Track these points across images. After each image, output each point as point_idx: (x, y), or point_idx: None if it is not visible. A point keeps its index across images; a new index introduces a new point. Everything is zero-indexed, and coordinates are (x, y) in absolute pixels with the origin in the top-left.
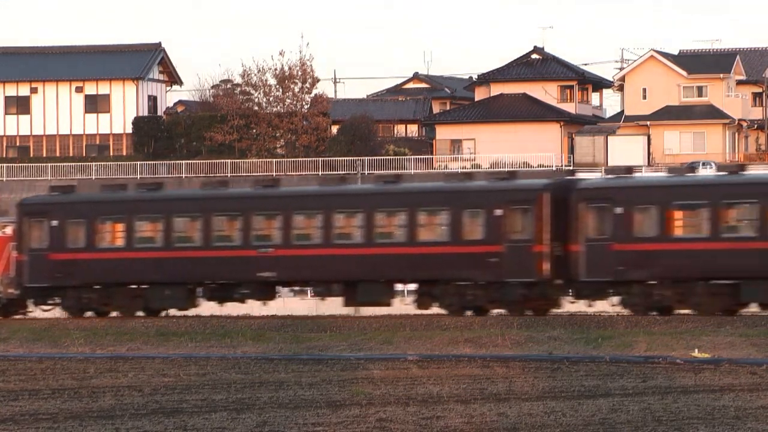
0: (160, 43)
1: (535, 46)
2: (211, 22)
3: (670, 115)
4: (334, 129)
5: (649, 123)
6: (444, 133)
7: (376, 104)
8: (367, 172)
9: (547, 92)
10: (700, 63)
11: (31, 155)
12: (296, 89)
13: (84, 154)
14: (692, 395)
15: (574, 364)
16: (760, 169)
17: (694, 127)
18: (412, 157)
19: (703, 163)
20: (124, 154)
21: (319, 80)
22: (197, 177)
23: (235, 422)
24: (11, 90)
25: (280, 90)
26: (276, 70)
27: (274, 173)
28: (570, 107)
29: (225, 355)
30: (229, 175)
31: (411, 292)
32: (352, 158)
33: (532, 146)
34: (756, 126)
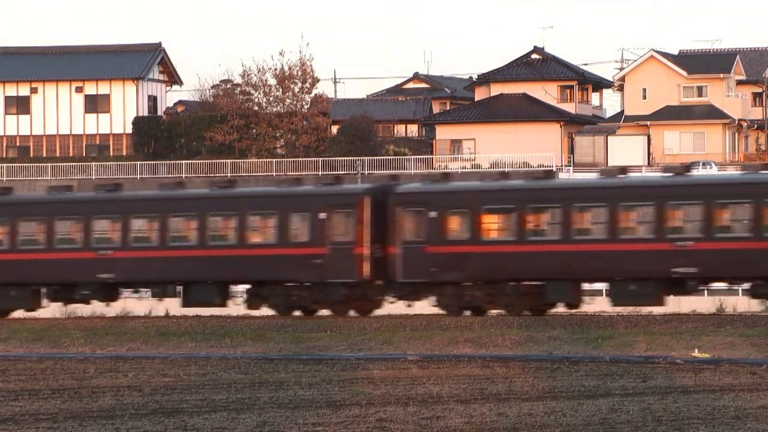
0: (160, 43)
1: (535, 46)
2: (211, 22)
3: (670, 115)
4: (334, 129)
5: (649, 123)
6: (444, 133)
7: (376, 104)
8: (367, 172)
9: (547, 92)
10: (700, 63)
11: (31, 155)
12: (296, 89)
13: (84, 154)
14: (692, 395)
15: (574, 364)
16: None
17: (694, 127)
18: (412, 157)
19: (703, 163)
20: (124, 154)
21: (319, 80)
22: (197, 177)
23: (235, 422)
24: (11, 90)
25: (280, 90)
26: (276, 70)
27: (274, 173)
28: (570, 107)
29: (225, 355)
30: (229, 175)
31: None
32: (352, 158)
33: (532, 146)
34: (756, 126)
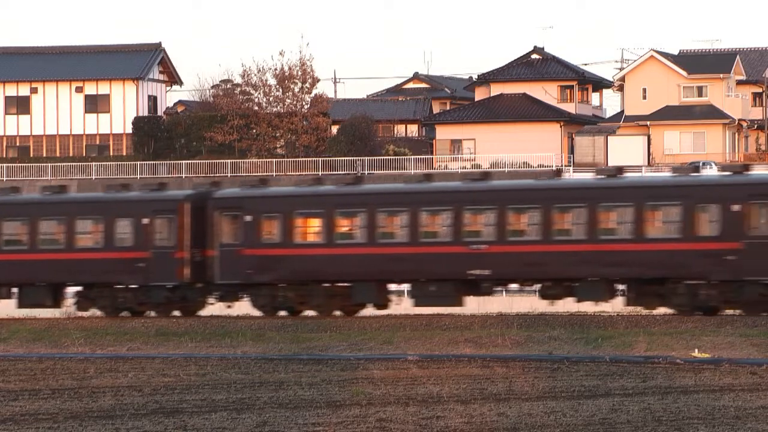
0: (160, 43)
1: (535, 46)
2: (211, 22)
3: (670, 115)
4: (334, 129)
5: (649, 123)
6: (444, 133)
7: (376, 104)
8: (367, 172)
9: (547, 92)
10: (700, 63)
11: (31, 155)
12: (296, 89)
13: (84, 154)
14: (692, 395)
15: (574, 364)
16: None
17: (694, 127)
18: (412, 157)
19: (703, 163)
20: (124, 154)
21: (319, 80)
22: (197, 177)
23: (235, 422)
24: (11, 90)
25: (280, 90)
26: (276, 70)
27: (275, 173)
28: (570, 107)
29: (225, 355)
30: (229, 175)
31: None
32: (352, 158)
33: (532, 146)
34: (756, 126)
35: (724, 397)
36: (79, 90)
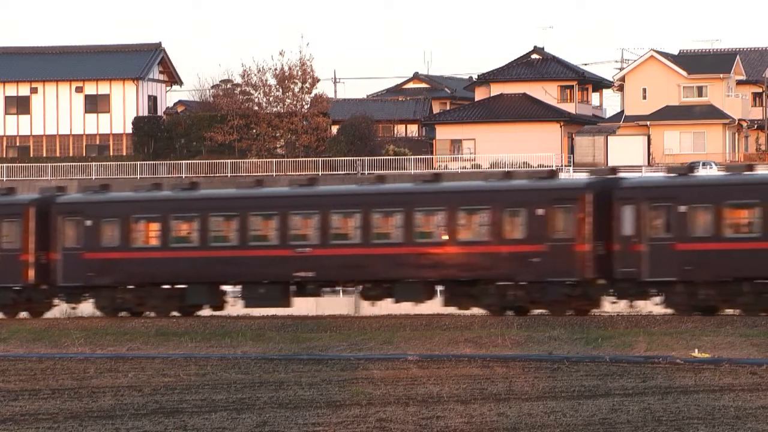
0: (160, 43)
1: (535, 46)
2: (211, 22)
3: (670, 115)
4: (334, 129)
5: (649, 123)
6: (444, 133)
7: (376, 104)
8: (367, 172)
9: (547, 92)
10: (700, 63)
11: (31, 155)
12: (296, 89)
13: (84, 154)
14: (692, 395)
15: (574, 364)
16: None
17: (694, 127)
18: (412, 157)
19: (704, 163)
20: (124, 154)
21: (319, 80)
22: (197, 177)
23: (235, 422)
24: (11, 90)
25: (280, 90)
26: (276, 70)
27: (275, 173)
28: (570, 107)
29: (225, 355)
30: (229, 175)
31: None
32: (352, 158)
33: (532, 146)
34: (756, 126)
35: (724, 397)
36: (79, 90)
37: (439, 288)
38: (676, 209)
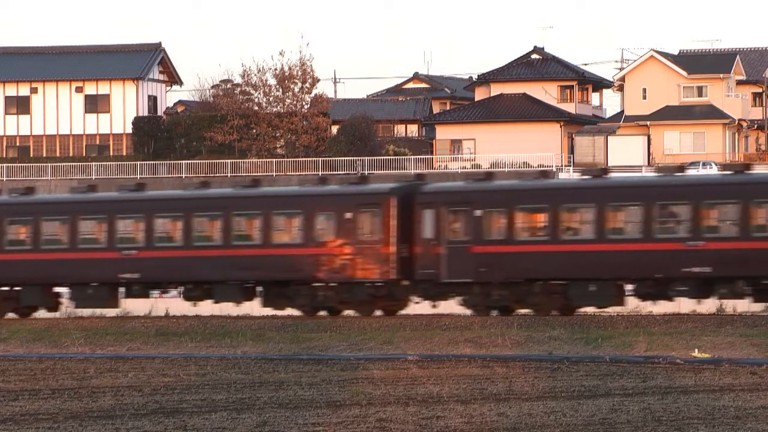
0: (160, 43)
1: (535, 46)
2: (211, 22)
3: (670, 115)
4: (334, 129)
5: (649, 123)
6: (444, 133)
7: (376, 104)
8: (367, 172)
9: (547, 92)
10: (700, 63)
11: (31, 155)
12: (296, 89)
13: (84, 154)
14: (692, 395)
15: (574, 364)
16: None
17: (694, 127)
18: (412, 157)
19: (704, 163)
20: (124, 154)
21: (319, 80)
22: (197, 177)
23: (235, 422)
24: (11, 90)
25: (280, 90)
26: (276, 70)
27: (275, 173)
28: (570, 107)
29: (225, 355)
30: (229, 175)
31: None
32: (352, 158)
33: (532, 146)
34: (756, 126)
35: (724, 397)
36: (79, 90)
37: (259, 289)
38: (472, 213)
